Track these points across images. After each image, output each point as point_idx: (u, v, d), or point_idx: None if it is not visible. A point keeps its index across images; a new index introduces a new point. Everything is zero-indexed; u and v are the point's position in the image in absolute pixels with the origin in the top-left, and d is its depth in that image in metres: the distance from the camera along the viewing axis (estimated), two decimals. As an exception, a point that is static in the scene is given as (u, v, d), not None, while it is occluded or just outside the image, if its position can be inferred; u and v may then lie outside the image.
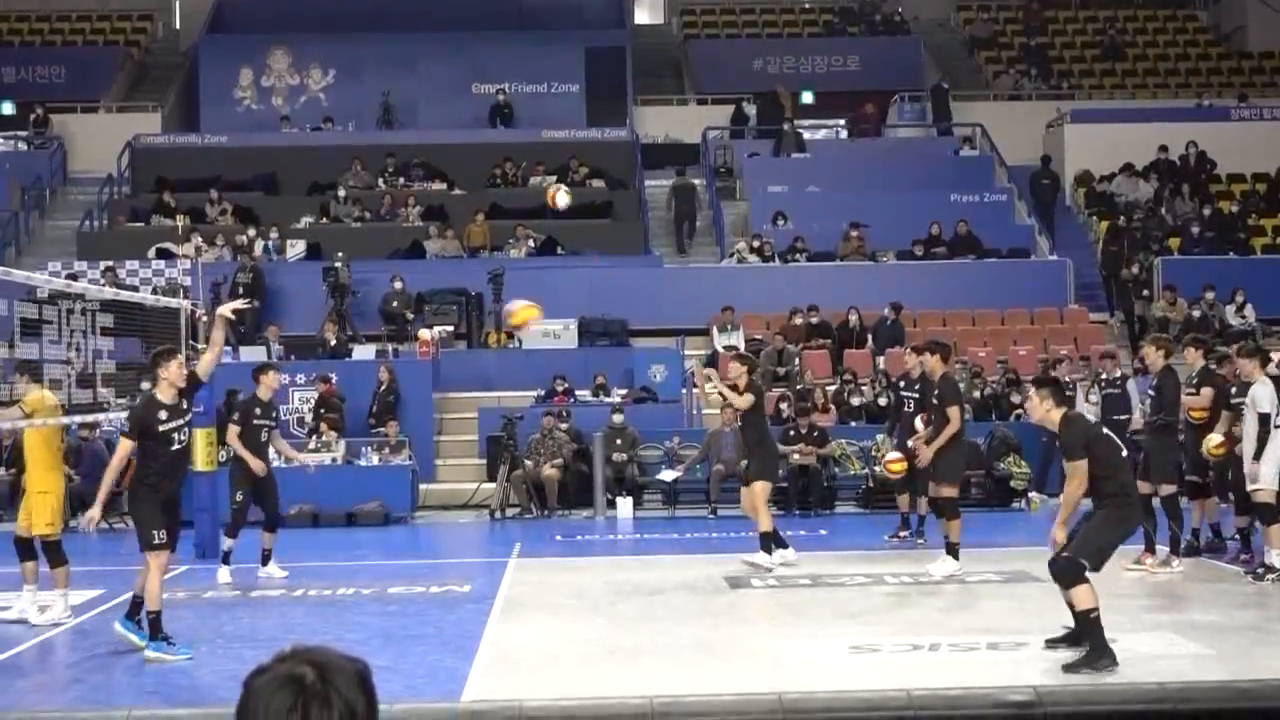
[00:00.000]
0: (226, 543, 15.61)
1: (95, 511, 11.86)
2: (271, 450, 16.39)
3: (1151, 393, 15.63)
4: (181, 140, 34.71)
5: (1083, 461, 10.38)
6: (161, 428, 11.47)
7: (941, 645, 11.09)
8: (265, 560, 15.73)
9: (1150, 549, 14.98)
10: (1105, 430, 11.04)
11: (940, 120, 35.15)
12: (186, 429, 11.76)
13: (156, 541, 11.42)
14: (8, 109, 36.53)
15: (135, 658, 11.39)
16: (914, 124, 35.91)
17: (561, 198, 17.29)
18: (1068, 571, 10.33)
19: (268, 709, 2.61)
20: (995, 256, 29.63)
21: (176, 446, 11.62)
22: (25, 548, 13.02)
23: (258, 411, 15.86)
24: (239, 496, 15.72)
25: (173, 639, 11.45)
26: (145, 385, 13.27)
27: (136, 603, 11.75)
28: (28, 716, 5.18)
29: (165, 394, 11.60)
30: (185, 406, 11.71)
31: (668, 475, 22.18)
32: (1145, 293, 27.92)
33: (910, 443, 16.63)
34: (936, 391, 15.65)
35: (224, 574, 15.39)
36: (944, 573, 14.77)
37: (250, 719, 2.63)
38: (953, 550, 14.99)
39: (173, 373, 11.62)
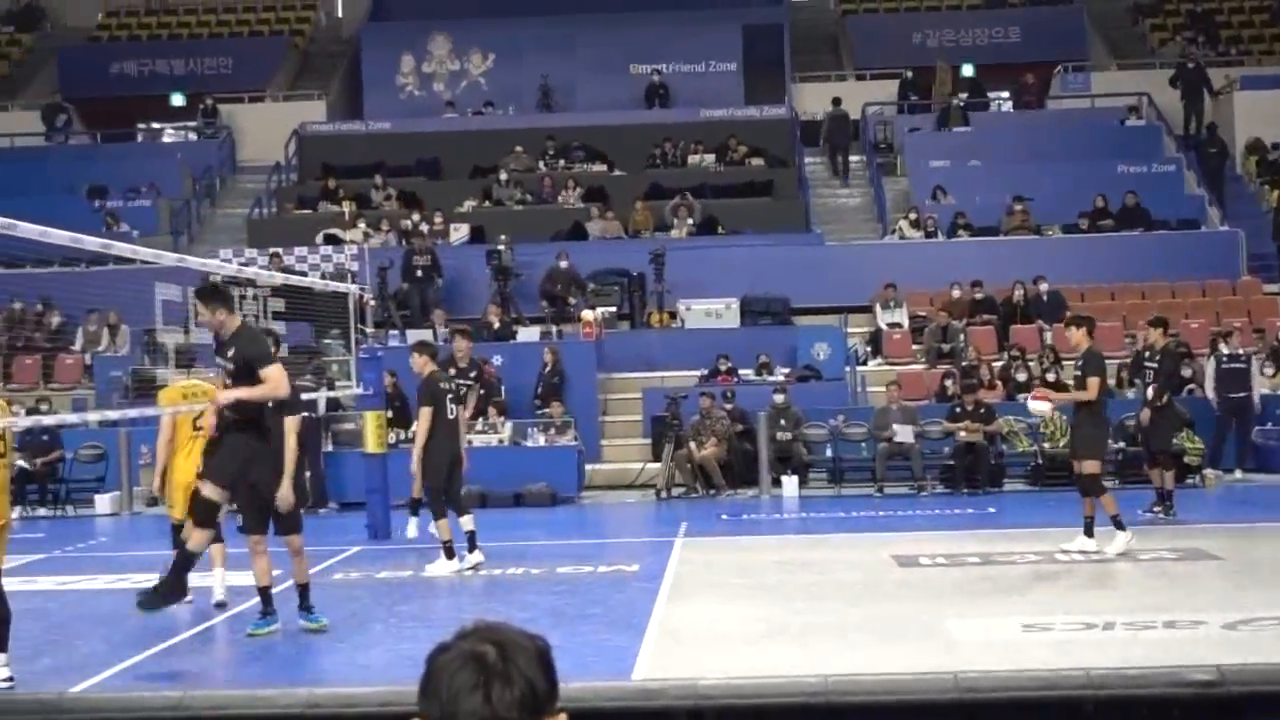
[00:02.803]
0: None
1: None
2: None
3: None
4: (346, 127, 35.26)
5: None
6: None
7: (1116, 624, 10.91)
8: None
9: None
10: None
11: (1194, 102, 33.56)
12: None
13: (238, 526, 11.88)
14: (178, 100, 37.35)
15: (313, 637, 11.60)
16: (1077, 95, 35.25)
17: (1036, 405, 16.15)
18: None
19: (450, 686, 2.64)
20: (1164, 228, 29.05)
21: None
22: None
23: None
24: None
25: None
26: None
27: (302, 590, 11.92)
28: (212, 693, 5.30)
29: None
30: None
31: (904, 434, 21.90)
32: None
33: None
34: (1080, 364, 15.49)
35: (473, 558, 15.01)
36: (1116, 549, 14.52)
37: (433, 697, 2.66)
38: (1117, 523, 14.70)
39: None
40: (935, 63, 35.78)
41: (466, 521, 14.86)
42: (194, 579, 13.37)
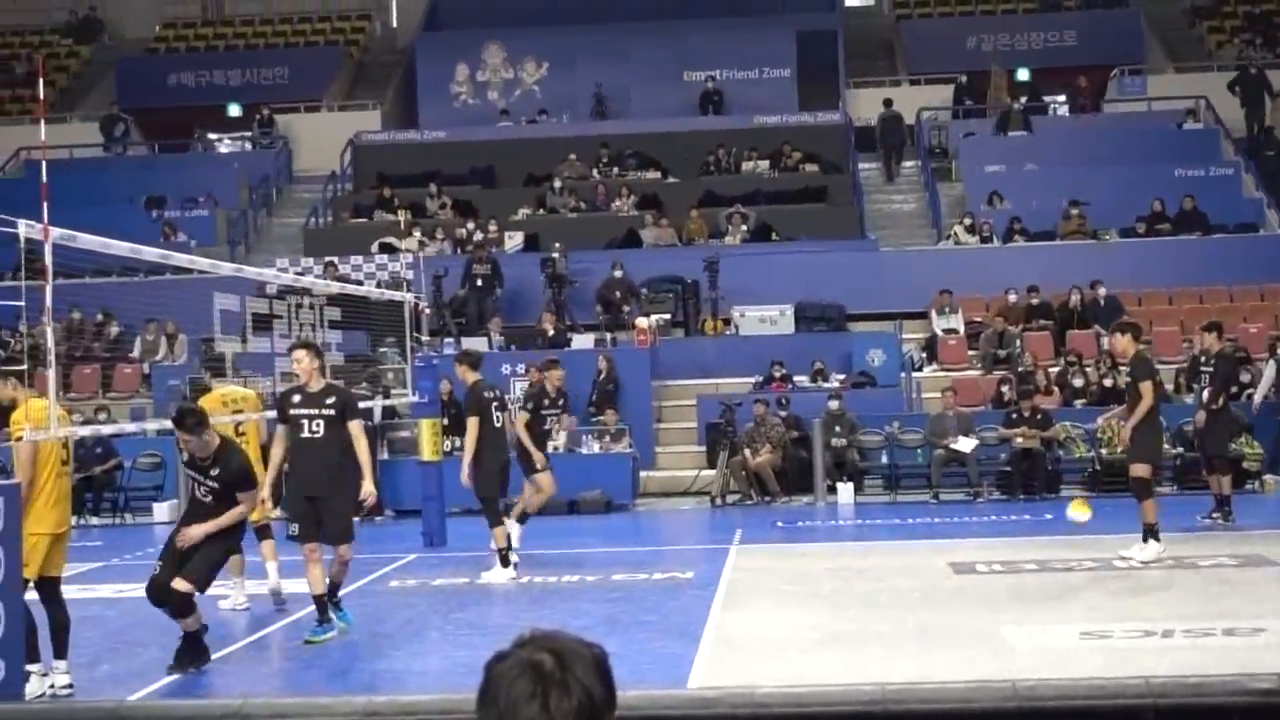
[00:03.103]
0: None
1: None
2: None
3: None
4: (401, 137, 35.41)
5: None
6: (292, 410, 12.00)
7: (1175, 631, 10.84)
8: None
9: None
10: None
11: (1256, 107, 33.04)
12: (319, 422, 11.97)
13: (289, 534, 12.04)
14: (235, 111, 37.62)
15: (370, 644, 11.66)
16: (1133, 98, 35.03)
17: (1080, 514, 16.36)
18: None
19: (508, 695, 2.65)
20: (1222, 232, 28.83)
21: (305, 434, 11.96)
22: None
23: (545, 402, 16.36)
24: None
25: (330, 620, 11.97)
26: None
27: (334, 587, 12.13)
28: (270, 700, 5.32)
29: (309, 383, 12.15)
30: (328, 401, 12.02)
31: (965, 445, 21.85)
32: None
33: (1100, 420, 16.49)
34: (1129, 371, 15.43)
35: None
36: (1146, 557, 14.43)
37: (491, 705, 2.68)
38: (1151, 532, 14.63)
39: (303, 365, 12.12)
40: (990, 67, 35.63)
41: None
42: (250, 586, 13.50)
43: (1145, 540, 14.66)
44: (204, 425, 10.68)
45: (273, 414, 12.87)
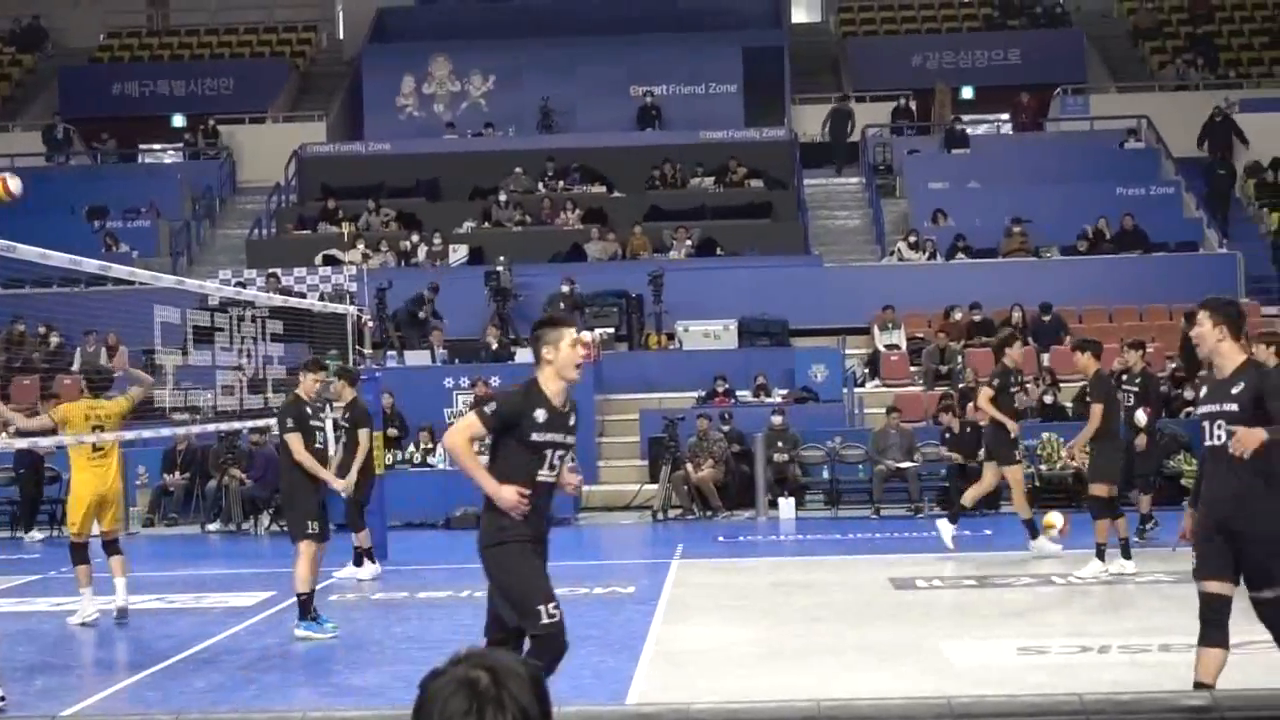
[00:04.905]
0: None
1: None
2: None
3: None
4: (346, 149, 35.24)
5: None
6: (312, 422, 12.60)
7: (1112, 647, 10.92)
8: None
9: None
10: None
11: (1218, 151, 32.51)
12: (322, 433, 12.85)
13: (309, 532, 12.42)
14: (179, 121, 37.41)
15: (308, 657, 11.60)
16: (1076, 118, 35.30)
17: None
18: None
19: (443, 713, 2.65)
20: (1163, 250, 29.08)
21: (318, 445, 12.70)
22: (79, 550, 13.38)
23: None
24: None
25: (320, 617, 12.42)
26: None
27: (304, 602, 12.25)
28: (206, 715, 5.30)
29: (307, 394, 12.85)
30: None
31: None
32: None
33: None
34: (1087, 389, 15.56)
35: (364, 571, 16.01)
36: (1085, 574, 14.56)
37: (426, 722, 2.68)
38: (1099, 552, 14.78)
39: (307, 384, 12.87)
40: (935, 85, 35.84)
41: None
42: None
43: (1100, 557, 14.79)
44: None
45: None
